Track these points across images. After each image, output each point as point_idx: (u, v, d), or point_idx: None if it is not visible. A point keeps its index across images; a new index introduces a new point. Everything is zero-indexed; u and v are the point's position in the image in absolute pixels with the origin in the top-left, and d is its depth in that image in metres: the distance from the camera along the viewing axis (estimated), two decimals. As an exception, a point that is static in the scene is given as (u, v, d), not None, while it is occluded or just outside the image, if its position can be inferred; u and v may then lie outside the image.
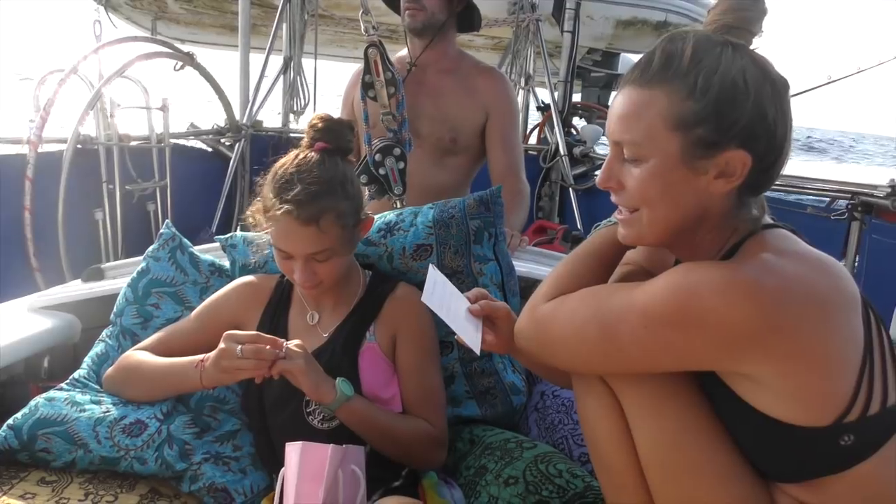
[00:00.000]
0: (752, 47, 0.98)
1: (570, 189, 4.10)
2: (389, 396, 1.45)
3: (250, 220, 1.45)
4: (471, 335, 1.19)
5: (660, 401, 1.04)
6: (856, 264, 2.76)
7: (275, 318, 1.51)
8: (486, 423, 1.64)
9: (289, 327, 1.50)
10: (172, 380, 1.42)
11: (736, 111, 0.93)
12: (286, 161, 1.41)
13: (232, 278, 1.64)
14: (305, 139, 1.44)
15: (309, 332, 1.48)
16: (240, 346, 1.27)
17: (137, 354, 1.48)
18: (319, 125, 1.43)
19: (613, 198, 1.04)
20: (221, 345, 1.29)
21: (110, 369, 1.50)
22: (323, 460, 1.20)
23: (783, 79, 0.96)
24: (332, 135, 1.43)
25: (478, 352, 1.19)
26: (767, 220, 1.04)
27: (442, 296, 1.21)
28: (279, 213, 1.33)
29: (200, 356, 1.37)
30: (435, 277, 1.24)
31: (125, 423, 1.38)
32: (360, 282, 1.53)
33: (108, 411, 1.40)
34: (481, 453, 1.49)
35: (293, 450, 1.23)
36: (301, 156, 1.40)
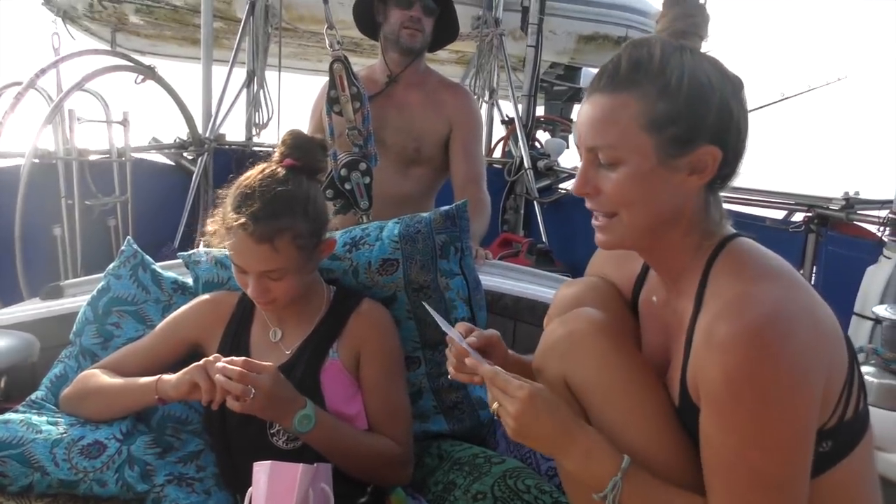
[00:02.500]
0: (701, 50, 1.02)
1: (535, 202, 4.13)
2: (354, 413, 1.43)
3: (209, 229, 1.43)
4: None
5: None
6: (813, 276, 2.83)
7: (237, 335, 1.49)
8: (455, 438, 1.64)
9: (251, 344, 1.48)
10: (130, 394, 1.39)
11: (705, 108, 0.96)
12: (252, 173, 1.39)
13: (195, 295, 1.62)
14: (276, 154, 1.42)
15: (271, 349, 1.47)
16: (220, 363, 1.25)
17: (95, 373, 1.46)
18: (290, 141, 1.42)
19: (588, 203, 1.05)
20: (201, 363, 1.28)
21: (67, 389, 1.47)
22: (293, 480, 1.18)
23: (738, 77, 1.01)
24: (302, 152, 1.41)
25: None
26: (730, 228, 1.05)
27: (446, 324, 1.18)
28: (234, 225, 1.31)
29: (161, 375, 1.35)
30: (435, 313, 1.21)
31: (83, 445, 1.35)
32: (323, 297, 1.51)
33: (65, 432, 1.37)
34: (450, 468, 1.49)
35: (261, 470, 1.21)
36: (267, 170, 1.39)
